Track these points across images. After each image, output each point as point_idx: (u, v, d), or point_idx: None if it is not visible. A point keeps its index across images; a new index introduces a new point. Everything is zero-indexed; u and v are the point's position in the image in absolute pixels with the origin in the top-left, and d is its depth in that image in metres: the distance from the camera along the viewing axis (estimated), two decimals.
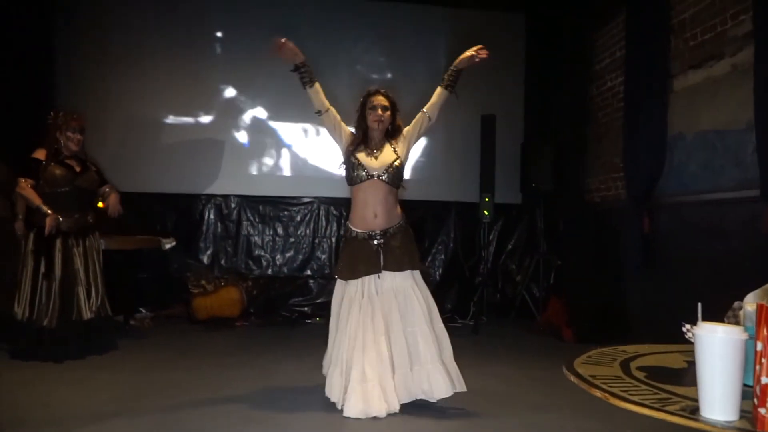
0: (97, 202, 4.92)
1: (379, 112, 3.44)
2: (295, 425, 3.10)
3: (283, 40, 3.37)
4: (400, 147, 3.50)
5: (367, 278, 3.36)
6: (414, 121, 3.56)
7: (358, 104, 3.56)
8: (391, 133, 3.52)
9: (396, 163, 3.42)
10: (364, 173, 3.37)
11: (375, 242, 3.38)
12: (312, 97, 3.45)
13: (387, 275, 3.38)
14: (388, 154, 3.44)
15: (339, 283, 3.50)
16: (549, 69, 6.93)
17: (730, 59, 4.44)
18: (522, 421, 3.21)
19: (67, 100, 6.07)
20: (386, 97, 3.50)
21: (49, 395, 3.51)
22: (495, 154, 6.39)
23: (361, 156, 3.42)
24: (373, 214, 3.40)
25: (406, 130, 3.56)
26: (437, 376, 3.31)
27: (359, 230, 3.43)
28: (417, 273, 3.47)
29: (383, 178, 3.38)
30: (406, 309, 3.37)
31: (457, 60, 3.47)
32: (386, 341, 3.27)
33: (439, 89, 3.52)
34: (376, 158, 3.42)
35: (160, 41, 6.77)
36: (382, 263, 3.37)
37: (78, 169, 4.56)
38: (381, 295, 3.35)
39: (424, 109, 3.54)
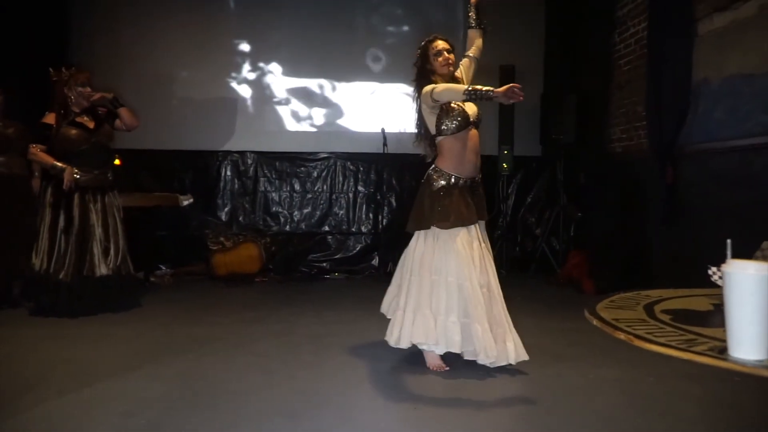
0: (114, 159, 4.92)
1: (446, 54, 3.31)
2: (315, 378, 3.11)
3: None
4: None
5: (472, 226, 3.28)
6: (462, 66, 3.45)
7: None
8: (451, 81, 3.36)
9: (480, 111, 3.34)
10: (464, 121, 3.24)
11: (472, 189, 3.31)
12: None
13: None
14: (470, 102, 3.31)
15: (423, 235, 3.29)
16: (570, 16, 6.72)
17: (757, 0, 4.26)
18: (543, 370, 3.20)
19: (80, 59, 6.03)
20: (446, 41, 3.37)
21: (71, 351, 3.53)
22: (514, 106, 6.27)
23: (459, 103, 3.26)
24: (472, 161, 3.29)
25: (458, 77, 3.42)
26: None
27: (461, 176, 3.28)
28: None
29: (478, 125, 3.32)
30: (489, 257, 3.34)
31: None
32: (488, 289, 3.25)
33: (470, 32, 3.45)
34: (466, 105, 3.30)
35: None
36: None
37: (92, 125, 4.53)
38: (477, 243, 3.30)
39: (470, 53, 3.46)
